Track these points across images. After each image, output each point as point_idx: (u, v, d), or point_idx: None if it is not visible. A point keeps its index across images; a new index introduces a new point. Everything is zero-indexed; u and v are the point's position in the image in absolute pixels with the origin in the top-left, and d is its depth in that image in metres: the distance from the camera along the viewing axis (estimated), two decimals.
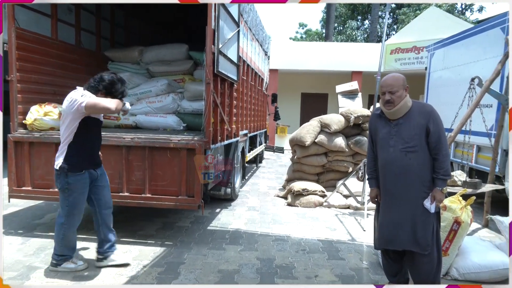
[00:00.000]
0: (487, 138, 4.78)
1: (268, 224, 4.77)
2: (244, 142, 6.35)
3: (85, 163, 3.06)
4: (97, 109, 2.90)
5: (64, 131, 2.97)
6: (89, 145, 3.08)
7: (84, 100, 2.86)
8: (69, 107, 2.90)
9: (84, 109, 2.87)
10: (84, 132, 2.99)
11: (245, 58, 5.85)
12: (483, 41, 5.64)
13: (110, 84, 3.02)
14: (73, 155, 2.97)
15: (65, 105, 2.94)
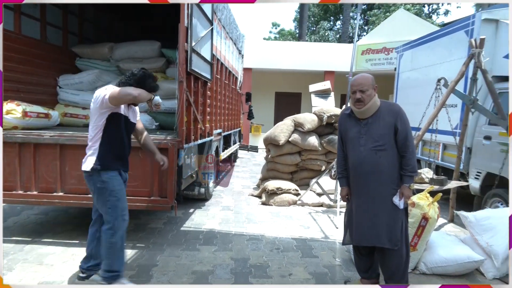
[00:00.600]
0: (452, 136, 4.97)
1: (243, 224, 4.75)
2: (218, 141, 6.31)
3: (118, 163, 2.83)
4: (120, 97, 2.68)
5: (92, 129, 2.77)
6: (120, 144, 2.85)
7: (107, 92, 2.69)
8: (95, 104, 2.74)
9: (108, 101, 2.68)
10: (114, 130, 2.78)
11: (218, 57, 5.81)
12: (448, 43, 5.86)
13: (141, 78, 2.86)
14: (105, 155, 2.75)
15: (91, 102, 2.79)
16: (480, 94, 4.65)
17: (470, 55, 3.95)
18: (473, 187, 4.99)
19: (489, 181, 4.59)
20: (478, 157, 4.96)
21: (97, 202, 2.81)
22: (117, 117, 2.79)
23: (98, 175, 2.75)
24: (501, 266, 3.32)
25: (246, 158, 11.55)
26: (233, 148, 8.55)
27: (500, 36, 4.95)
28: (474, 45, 3.90)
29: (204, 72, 4.55)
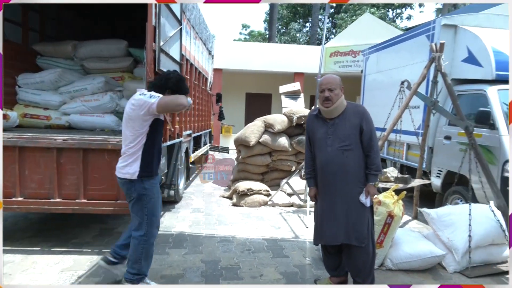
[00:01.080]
0: (415, 136, 5.18)
1: (213, 226, 4.72)
2: (188, 143, 6.25)
3: (156, 166, 2.85)
4: (170, 107, 2.72)
5: (132, 136, 2.73)
6: (158, 148, 2.86)
7: (154, 101, 2.67)
8: (138, 111, 2.69)
9: (156, 110, 2.67)
10: (155, 135, 2.79)
11: (188, 57, 5.76)
12: (411, 47, 6.10)
13: (178, 81, 2.86)
14: (149, 160, 2.75)
15: (131, 108, 2.73)
16: (441, 96, 4.88)
17: (431, 59, 4.13)
18: (435, 185, 5.22)
19: (449, 179, 4.81)
20: (439, 156, 5.20)
21: (133, 208, 2.80)
22: (159, 122, 2.82)
23: (140, 182, 2.74)
24: (461, 260, 3.49)
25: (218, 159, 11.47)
26: (203, 149, 8.49)
27: (458, 41, 5.21)
28: (434, 49, 4.08)
29: None
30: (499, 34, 5.01)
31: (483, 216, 3.62)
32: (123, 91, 5.20)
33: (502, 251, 3.65)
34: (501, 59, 4.63)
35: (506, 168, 4.09)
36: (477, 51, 4.85)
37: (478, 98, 4.69)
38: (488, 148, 4.32)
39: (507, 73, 4.58)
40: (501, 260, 3.68)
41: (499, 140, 4.21)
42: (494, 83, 4.62)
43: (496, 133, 4.27)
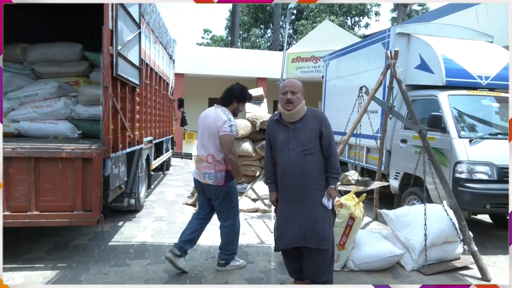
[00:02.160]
0: (374, 140, 5.39)
1: (177, 234, 4.60)
2: (149, 149, 6.13)
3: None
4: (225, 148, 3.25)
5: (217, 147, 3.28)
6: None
7: (226, 132, 3.22)
8: (217, 127, 3.25)
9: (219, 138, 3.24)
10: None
11: (147, 61, 5.67)
12: (368, 54, 6.37)
13: (242, 90, 3.43)
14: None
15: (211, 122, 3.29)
16: (396, 101, 5.13)
17: (387, 66, 4.33)
18: (393, 186, 5.46)
19: (406, 181, 5.05)
20: (396, 159, 5.44)
21: (222, 204, 3.40)
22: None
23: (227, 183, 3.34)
24: (418, 258, 3.66)
25: (180, 166, 11.35)
26: (165, 155, 8.35)
27: (411, 49, 5.51)
28: (389, 56, 4.28)
29: (132, 77, 4.40)
30: (448, 42, 5.36)
31: (437, 215, 3.82)
32: (78, 96, 4.99)
33: (455, 248, 3.87)
34: (450, 66, 4.94)
35: (457, 169, 4.36)
36: (428, 58, 5.14)
37: (431, 103, 4.97)
38: (441, 150, 4.58)
39: (457, 80, 4.91)
40: (454, 257, 3.91)
41: (450, 142, 4.48)
42: (445, 89, 4.92)
43: (447, 136, 4.54)
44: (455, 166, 4.36)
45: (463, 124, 4.68)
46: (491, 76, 4.94)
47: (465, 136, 4.48)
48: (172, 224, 5.08)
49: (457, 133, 4.49)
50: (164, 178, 8.92)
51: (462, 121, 4.73)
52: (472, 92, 4.87)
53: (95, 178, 3.51)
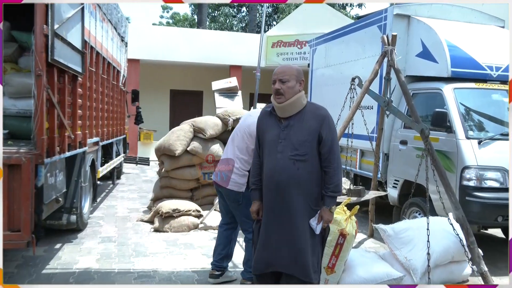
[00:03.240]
0: (368, 141, 5.50)
1: (129, 258, 4.59)
2: (94, 153, 6.07)
3: None
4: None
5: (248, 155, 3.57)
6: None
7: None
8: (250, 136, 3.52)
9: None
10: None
11: (93, 44, 5.61)
12: (362, 38, 6.51)
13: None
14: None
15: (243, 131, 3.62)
16: (395, 95, 5.24)
17: (383, 53, 4.43)
18: (391, 196, 5.59)
19: (407, 190, 5.18)
20: (395, 163, 5.58)
21: (243, 213, 3.63)
22: None
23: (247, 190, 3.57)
24: (420, 281, 3.76)
25: (134, 174, 11.23)
26: (116, 161, 8.26)
27: (412, 33, 5.67)
28: (386, 42, 4.39)
29: (73, 64, 4.35)
30: (454, 26, 5.55)
31: (442, 231, 3.95)
32: (4, 87, 4.84)
33: (462, 268, 4.00)
34: (456, 54, 5.12)
35: (465, 175, 4.52)
36: (431, 45, 5.31)
37: (434, 98, 5.13)
38: (446, 153, 4.73)
39: (464, 70, 5.08)
40: (462, 279, 4.04)
41: (456, 144, 4.63)
42: (451, 81, 5.09)
43: (453, 136, 4.70)
44: (462, 172, 4.52)
45: (472, 123, 4.86)
46: (502, 66, 5.14)
47: (474, 136, 4.65)
48: (124, 246, 5.02)
49: (465, 133, 4.66)
50: (114, 188, 8.81)
51: (470, 119, 4.91)
52: (481, 85, 5.06)
53: (24, 189, 3.43)
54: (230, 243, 3.95)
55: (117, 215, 6.54)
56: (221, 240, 3.93)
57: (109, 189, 8.62)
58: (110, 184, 9.02)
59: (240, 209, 3.68)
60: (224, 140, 6.54)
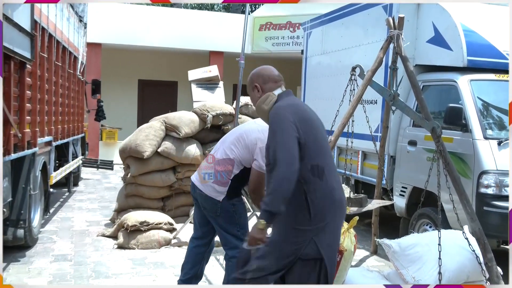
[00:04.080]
0: (371, 142, 5.53)
1: (88, 280, 4.59)
2: (46, 155, 6.05)
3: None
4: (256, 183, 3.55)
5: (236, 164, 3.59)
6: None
7: (262, 167, 3.35)
8: (250, 150, 3.55)
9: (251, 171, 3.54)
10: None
11: (45, 25, 5.58)
12: (364, 21, 6.57)
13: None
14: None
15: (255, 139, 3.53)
16: (403, 87, 5.28)
17: (388, 38, 4.47)
18: (398, 206, 5.64)
19: (416, 198, 5.23)
20: (403, 168, 5.64)
21: (223, 226, 3.69)
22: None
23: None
24: None
25: (95, 180, 11.17)
26: (72, 164, 8.21)
27: (422, 15, 5.73)
28: (392, 25, 4.43)
29: (20, 48, 4.34)
30: (471, 8, 5.62)
31: (456, 246, 3.98)
32: None
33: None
34: (473, 40, 5.20)
35: (482, 181, 4.58)
36: (444, 29, 5.38)
37: (448, 91, 5.19)
38: (460, 156, 4.79)
39: (482, 59, 5.16)
40: None
41: (473, 145, 4.70)
42: (467, 72, 5.16)
43: (469, 136, 4.76)
44: (480, 177, 4.58)
45: (491, 120, 4.92)
46: None
47: (493, 136, 4.71)
48: (81, 265, 5.00)
49: (483, 132, 4.72)
50: (71, 197, 8.75)
51: (489, 115, 4.97)
52: (502, 76, 5.13)
53: None
54: (201, 262, 3.92)
55: (74, 229, 6.50)
56: (190, 258, 3.91)
57: (64, 198, 8.56)
58: (66, 192, 8.93)
59: (219, 222, 3.68)
60: (202, 140, 6.53)
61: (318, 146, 2.63)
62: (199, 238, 3.91)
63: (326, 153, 2.72)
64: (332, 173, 2.69)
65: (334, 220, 2.65)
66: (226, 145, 3.68)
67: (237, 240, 3.65)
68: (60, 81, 6.80)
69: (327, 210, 2.61)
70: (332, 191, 2.63)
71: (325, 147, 2.72)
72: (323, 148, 2.68)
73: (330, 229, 2.63)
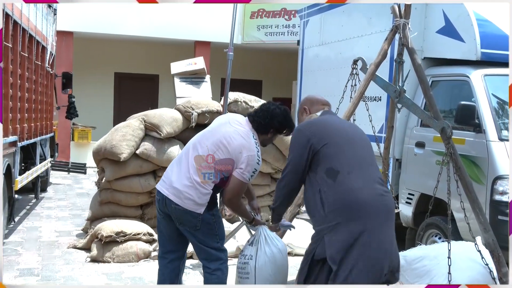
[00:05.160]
0: (375, 143, 5.55)
1: None
2: (10, 157, 6.04)
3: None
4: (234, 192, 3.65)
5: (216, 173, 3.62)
6: None
7: (244, 179, 3.57)
8: (237, 160, 3.57)
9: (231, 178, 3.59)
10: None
11: (9, 11, 5.55)
12: (368, 8, 6.59)
13: (285, 118, 3.71)
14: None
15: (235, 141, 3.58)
16: (409, 82, 5.30)
17: (394, 28, 4.49)
18: (404, 215, 5.66)
19: (424, 206, 5.25)
20: (409, 172, 5.66)
21: (202, 239, 3.70)
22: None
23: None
24: None
25: (66, 185, 11.16)
26: (40, 167, 8.19)
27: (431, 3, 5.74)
28: (398, 13, 4.45)
29: None
30: None
31: (467, 259, 4.00)
32: None
33: None
34: (487, 31, 5.22)
35: (497, 188, 4.60)
36: (456, 18, 5.40)
37: (459, 87, 5.22)
38: (473, 159, 4.82)
39: (497, 52, 5.18)
40: None
41: (487, 147, 4.72)
42: (480, 66, 5.19)
43: (482, 137, 4.78)
44: (494, 183, 4.60)
45: (506, 120, 4.94)
46: None
47: (509, 137, 4.73)
48: (50, 280, 5.00)
49: (498, 133, 4.75)
50: (38, 204, 8.72)
51: (504, 114, 4.99)
52: None
53: None
54: (178, 276, 3.90)
55: (42, 240, 6.49)
56: (165, 275, 3.85)
57: (31, 205, 8.53)
58: (33, 199, 8.92)
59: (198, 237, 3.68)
60: (185, 140, 6.51)
61: (337, 150, 3.12)
62: (171, 251, 3.86)
63: (348, 156, 3.14)
64: (355, 175, 3.07)
65: (354, 221, 2.96)
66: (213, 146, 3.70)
67: (218, 252, 3.73)
68: (26, 74, 6.76)
69: (343, 210, 2.98)
70: (350, 192, 3.00)
71: (347, 151, 3.15)
72: (344, 152, 3.13)
73: (346, 229, 2.95)
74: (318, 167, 3.10)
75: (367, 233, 2.94)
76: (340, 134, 3.24)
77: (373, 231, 2.97)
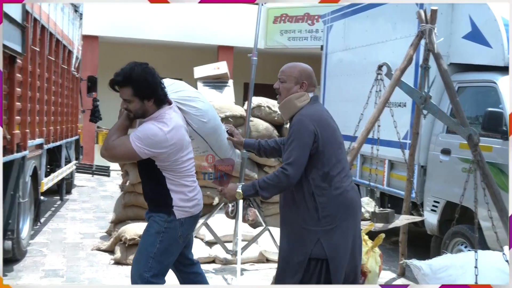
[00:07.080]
0: (399, 150, 5.49)
1: None
2: (37, 159, 6.07)
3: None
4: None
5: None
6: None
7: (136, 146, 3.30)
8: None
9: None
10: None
11: (37, 15, 5.62)
12: (393, 13, 6.53)
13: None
14: None
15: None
16: (435, 88, 5.25)
17: (419, 33, 4.45)
18: (429, 223, 5.58)
19: (450, 214, 5.16)
20: (435, 179, 5.58)
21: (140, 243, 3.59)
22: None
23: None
24: None
25: (90, 187, 11.24)
26: (65, 170, 8.27)
27: (458, 8, 5.68)
28: (423, 18, 4.40)
29: (10, 41, 4.37)
30: None
31: (494, 269, 3.93)
32: None
33: None
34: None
35: None
36: (483, 23, 5.33)
37: (486, 94, 5.13)
38: (500, 167, 4.73)
39: None
40: None
41: None
42: (507, 71, 5.09)
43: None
44: None
45: None
46: None
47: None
48: (74, 282, 5.04)
49: None
50: (63, 206, 8.79)
51: None
52: None
53: None
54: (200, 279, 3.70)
55: (66, 241, 6.53)
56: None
57: (56, 207, 8.60)
58: (58, 201, 8.99)
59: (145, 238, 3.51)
60: None
61: (333, 154, 3.09)
62: (186, 265, 3.68)
63: (341, 159, 3.14)
64: (345, 175, 3.12)
65: (345, 221, 3.05)
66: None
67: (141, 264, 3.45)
68: (53, 78, 6.83)
69: (337, 213, 3.03)
70: (344, 193, 3.06)
71: (339, 154, 3.14)
72: (337, 155, 3.11)
73: (340, 230, 3.02)
74: (313, 168, 3.03)
75: (352, 230, 3.09)
76: (336, 134, 3.19)
77: (356, 226, 3.15)
